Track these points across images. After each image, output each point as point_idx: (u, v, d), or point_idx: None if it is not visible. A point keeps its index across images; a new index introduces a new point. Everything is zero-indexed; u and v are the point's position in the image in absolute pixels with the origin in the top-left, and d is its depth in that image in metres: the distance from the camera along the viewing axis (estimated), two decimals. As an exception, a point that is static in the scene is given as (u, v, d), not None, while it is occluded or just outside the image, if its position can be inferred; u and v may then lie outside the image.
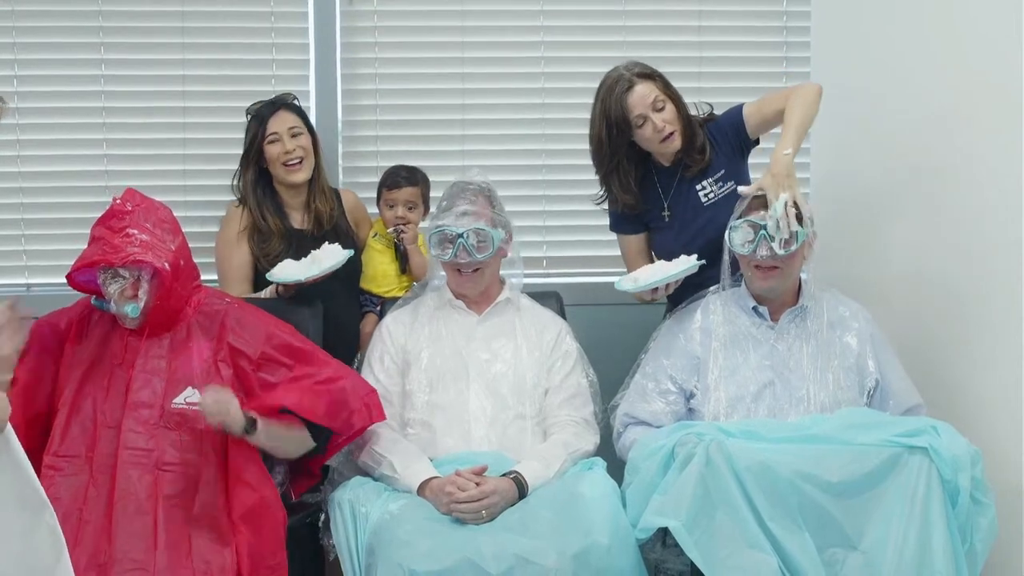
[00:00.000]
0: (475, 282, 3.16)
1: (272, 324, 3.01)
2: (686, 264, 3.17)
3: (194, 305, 2.95)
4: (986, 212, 3.09)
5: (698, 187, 3.30)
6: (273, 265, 3.34)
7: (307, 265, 3.26)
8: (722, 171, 3.30)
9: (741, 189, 3.11)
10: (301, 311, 3.27)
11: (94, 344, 2.89)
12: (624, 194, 3.32)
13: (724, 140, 3.31)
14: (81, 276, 2.86)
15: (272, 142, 3.44)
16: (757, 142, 3.33)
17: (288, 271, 3.26)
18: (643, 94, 3.19)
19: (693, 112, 3.33)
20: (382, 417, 2.98)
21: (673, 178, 3.33)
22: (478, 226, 3.08)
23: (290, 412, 2.85)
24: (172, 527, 2.67)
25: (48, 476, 2.68)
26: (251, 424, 2.76)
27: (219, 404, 2.74)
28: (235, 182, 3.54)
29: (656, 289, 3.19)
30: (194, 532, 2.69)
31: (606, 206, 3.44)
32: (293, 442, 2.89)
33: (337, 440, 2.98)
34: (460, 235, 3.07)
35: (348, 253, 3.31)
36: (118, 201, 2.86)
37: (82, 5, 3.87)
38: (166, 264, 2.78)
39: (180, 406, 2.80)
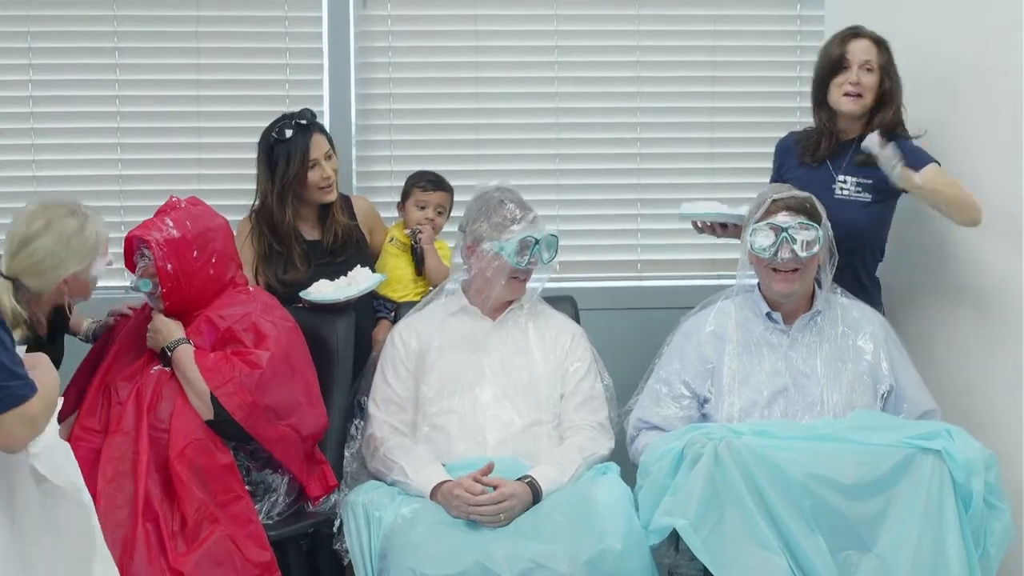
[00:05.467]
0: (523, 289, 3.19)
1: (259, 309, 3.04)
2: (737, 211, 3.24)
3: (216, 305, 3.02)
4: (997, 216, 3.09)
5: (840, 178, 3.31)
6: (295, 289, 3.34)
7: (343, 286, 3.27)
8: (871, 181, 3.28)
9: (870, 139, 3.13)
10: (335, 321, 3.26)
11: (128, 331, 3.07)
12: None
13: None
14: None
15: (312, 167, 3.41)
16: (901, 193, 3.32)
17: (324, 292, 3.27)
18: (864, 48, 3.27)
19: (911, 132, 3.33)
20: (292, 464, 2.95)
21: (829, 159, 3.37)
22: (552, 232, 3.14)
23: None
24: (145, 488, 2.74)
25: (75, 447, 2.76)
26: (172, 346, 2.93)
27: (156, 325, 2.98)
28: (256, 204, 3.48)
29: (714, 228, 3.31)
30: (151, 487, 2.75)
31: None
32: (197, 393, 2.88)
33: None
34: (538, 240, 3.10)
35: (383, 277, 3.36)
36: (175, 198, 3.04)
37: (97, 11, 3.88)
38: (168, 265, 2.92)
39: (154, 373, 2.92)
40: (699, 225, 3.37)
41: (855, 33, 3.31)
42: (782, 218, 3.00)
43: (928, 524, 2.63)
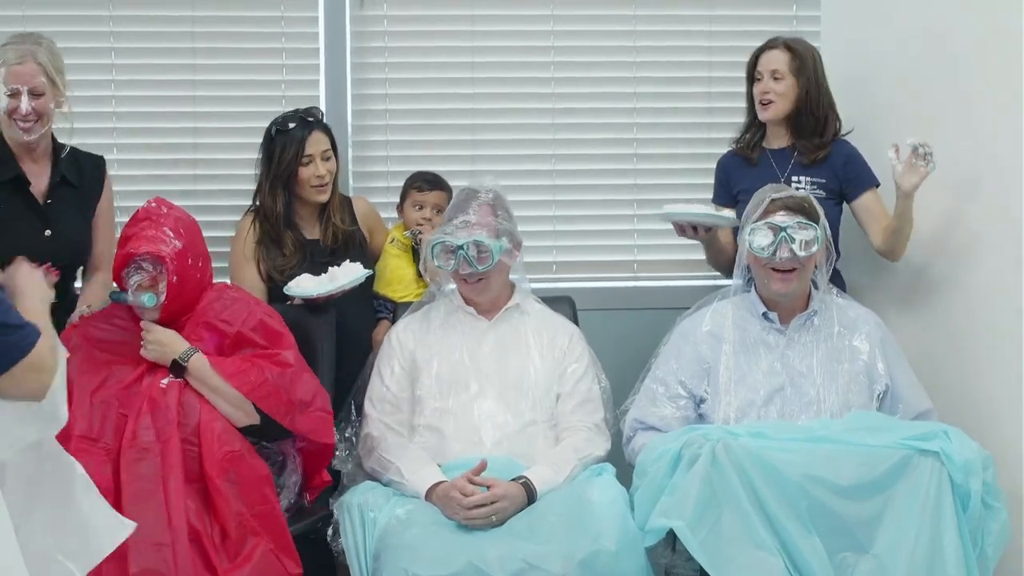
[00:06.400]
0: (480, 291, 3.16)
1: (253, 304, 3.05)
2: (722, 214, 3.33)
3: (203, 303, 3.01)
4: (997, 214, 3.10)
5: (795, 179, 3.41)
6: (288, 278, 3.35)
7: (324, 282, 3.27)
8: (824, 180, 3.39)
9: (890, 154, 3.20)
10: (315, 320, 3.26)
11: (111, 340, 2.99)
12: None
13: (841, 165, 3.41)
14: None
15: (306, 164, 3.42)
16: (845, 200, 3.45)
17: (304, 286, 3.27)
18: (773, 59, 3.39)
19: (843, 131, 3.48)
20: (329, 439, 2.97)
21: (778, 164, 3.47)
22: (477, 238, 3.07)
23: None
24: (176, 502, 2.70)
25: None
26: (185, 357, 2.88)
27: (157, 337, 2.90)
28: (256, 198, 3.51)
29: (696, 230, 3.36)
30: (188, 503, 2.72)
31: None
32: (230, 400, 2.87)
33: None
34: (460, 246, 3.07)
35: (367, 272, 3.34)
36: (152, 205, 2.97)
37: (93, 11, 3.88)
38: (175, 276, 2.89)
39: (167, 385, 2.88)
40: (683, 227, 3.41)
41: (767, 45, 3.45)
42: (780, 218, 3.01)
43: (925, 525, 2.63)
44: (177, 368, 2.89)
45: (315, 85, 3.93)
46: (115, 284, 2.99)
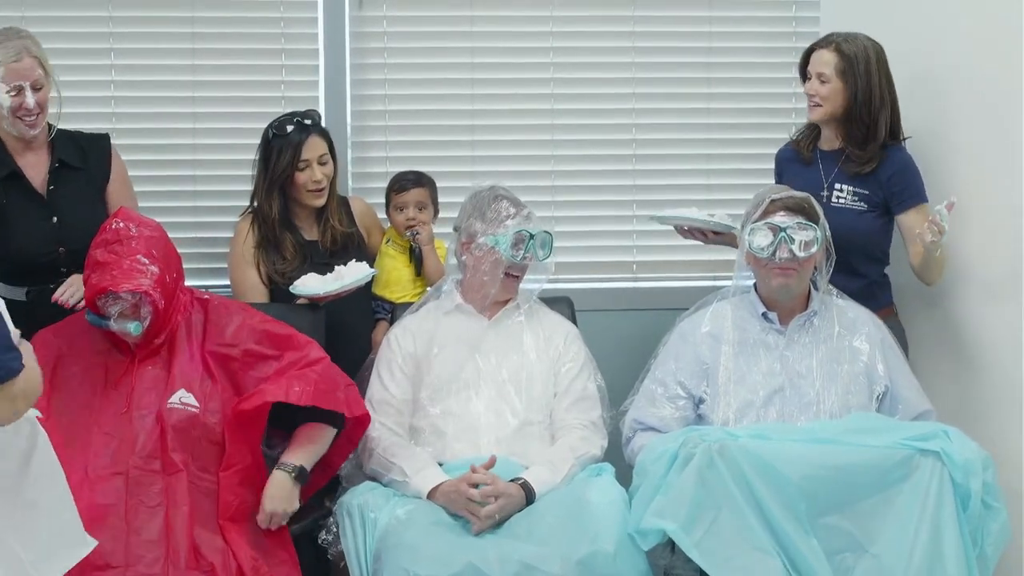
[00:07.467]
0: (515, 288, 3.19)
1: (247, 315, 3.01)
2: (719, 219, 3.34)
3: (180, 312, 2.95)
4: (997, 215, 3.10)
5: (837, 186, 3.35)
6: (289, 281, 3.34)
7: (329, 281, 3.26)
8: (867, 192, 3.31)
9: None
10: (306, 318, 3.24)
11: (88, 357, 2.91)
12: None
13: (887, 177, 3.30)
14: None
15: (302, 169, 3.41)
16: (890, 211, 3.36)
17: (310, 285, 3.26)
18: (822, 59, 3.31)
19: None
20: (362, 410, 2.97)
21: (825, 166, 3.41)
22: (546, 228, 3.16)
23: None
24: (181, 529, 2.69)
25: None
26: (301, 474, 2.85)
27: (275, 509, 2.81)
28: (253, 202, 3.50)
29: (692, 233, 3.42)
30: (197, 532, 2.71)
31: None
32: (326, 441, 2.93)
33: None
34: (533, 235, 3.12)
35: (373, 272, 3.35)
36: (121, 225, 2.85)
37: (93, 11, 3.88)
38: (161, 301, 2.81)
39: (175, 406, 2.83)
40: (685, 229, 3.44)
41: (817, 44, 3.36)
42: (780, 218, 3.01)
43: (925, 525, 2.63)
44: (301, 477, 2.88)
45: (314, 86, 3.93)
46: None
